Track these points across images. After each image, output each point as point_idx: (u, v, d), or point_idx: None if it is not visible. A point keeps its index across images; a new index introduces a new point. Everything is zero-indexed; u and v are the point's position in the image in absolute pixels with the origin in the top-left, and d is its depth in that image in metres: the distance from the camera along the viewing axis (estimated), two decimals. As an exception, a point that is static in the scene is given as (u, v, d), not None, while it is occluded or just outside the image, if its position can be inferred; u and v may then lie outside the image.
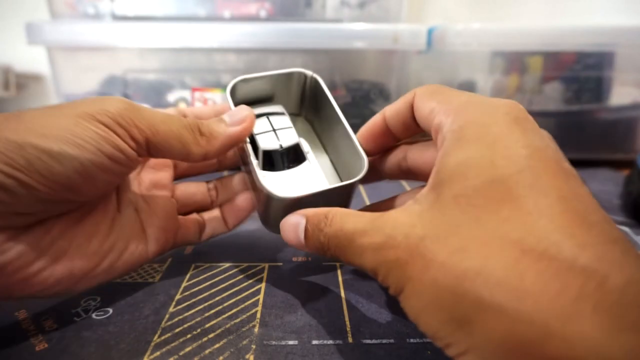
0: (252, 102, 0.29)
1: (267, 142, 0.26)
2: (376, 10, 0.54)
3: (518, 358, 0.13)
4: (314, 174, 0.27)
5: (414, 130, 0.23)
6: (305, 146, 0.28)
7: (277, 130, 0.27)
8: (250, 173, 0.26)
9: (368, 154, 0.25)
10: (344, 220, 0.19)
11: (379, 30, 0.49)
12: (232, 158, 0.30)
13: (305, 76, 0.29)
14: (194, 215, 0.29)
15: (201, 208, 0.30)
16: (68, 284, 0.21)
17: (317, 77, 0.28)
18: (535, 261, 0.13)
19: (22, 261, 0.19)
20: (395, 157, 0.25)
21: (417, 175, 0.24)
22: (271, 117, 0.27)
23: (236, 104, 0.26)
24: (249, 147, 0.25)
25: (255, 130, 0.26)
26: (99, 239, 0.22)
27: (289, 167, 0.26)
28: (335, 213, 0.20)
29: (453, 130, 0.18)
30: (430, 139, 0.21)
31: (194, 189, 0.30)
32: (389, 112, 0.23)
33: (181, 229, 0.27)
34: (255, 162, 0.24)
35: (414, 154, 0.24)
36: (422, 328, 0.16)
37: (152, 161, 0.28)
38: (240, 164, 0.29)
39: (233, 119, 0.24)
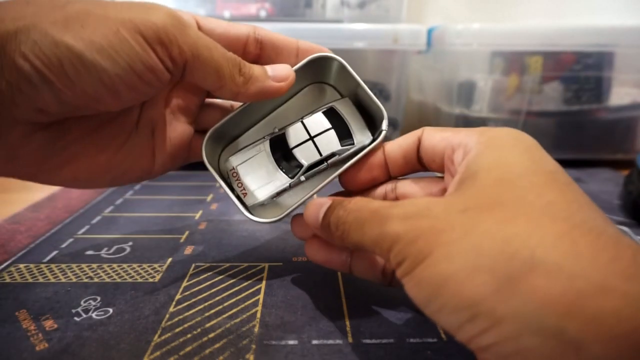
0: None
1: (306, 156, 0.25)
2: (376, 10, 0.54)
3: (575, 314, 0.12)
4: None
5: (413, 167, 0.24)
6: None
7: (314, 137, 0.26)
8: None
9: (359, 185, 0.25)
10: (370, 201, 0.19)
11: (379, 30, 0.49)
12: None
13: (331, 59, 0.28)
14: None
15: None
16: (70, 185, 0.23)
17: (341, 60, 0.27)
18: (585, 234, 0.14)
19: (34, 157, 0.21)
20: (383, 188, 0.25)
21: None
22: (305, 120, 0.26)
23: None
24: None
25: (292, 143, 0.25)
26: (108, 154, 0.23)
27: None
28: (362, 198, 0.20)
29: (481, 142, 0.19)
30: (421, 172, 0.24)
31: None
32: (390, 146, 0.24)
33: (191, 155, 0.27)
34: (227, 190, 0.26)
35: (405, 185, 0.25)
36: (441, 300, 0.15)
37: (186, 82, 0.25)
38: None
39: (275, 73, 0.24)
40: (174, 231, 0.34)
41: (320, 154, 0.25)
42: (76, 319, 0.23)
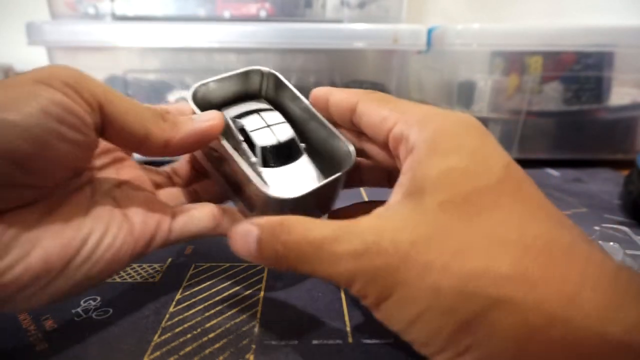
0: (233, 102, 0.28)
1: (263, 139, 0.25)
2: (376, 10, 0.54)
3: (526, 346, 0.14)
4: (307, 170, 0.26)
5: (351, 129, 0.23)
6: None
7: (271, 125, 0.26)
8: (232, 174, 0.25)
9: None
10: (307, 227, 0.17)
11: (379, 30, 0.49)
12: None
13: (262, 73, 0.28)
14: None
15: None
16: (48, 278, 0.18)
17: (276, 73, 0.27)
18: (538, 255, 0.14)
19: None
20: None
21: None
22: (262, 113, 0.26)
23: (210, 107, 0.25)
24: (244, 145, 0.24)
25: (249, 127, 0.25)
26: (73, 226, 0.19)
27: (284, 164, 0.26)
28: (294, 220, 0.18)
29: (425, 140, 0.18)
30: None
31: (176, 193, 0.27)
32: (333, 102, 0.23)
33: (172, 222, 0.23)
34: (242, 162, 0.23)
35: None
36: (412, 335, 0.16)
37: (133, 161, 0.25)
38: (210, 169, 0.27)
39: (201, 117, 0.22)
40: (174, 231, 0.34)
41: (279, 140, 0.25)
42: (76, 319, 0.23)
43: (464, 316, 0.14)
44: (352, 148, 0.23)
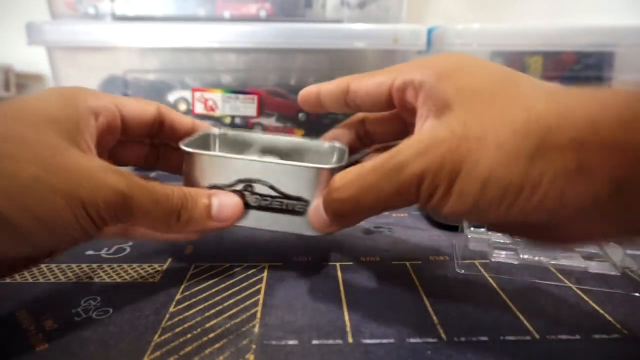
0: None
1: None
2: (376, 10, 0.54)
3: (582, 148, 0.16)
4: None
5: (345, 111, 0.26)
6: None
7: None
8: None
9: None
10: (356, 168, 0.21)
11: (379, 30, 0.49)
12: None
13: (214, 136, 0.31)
14: None
15: None
16: None
17: (224, 131, 0.31)
18: (561, 95, 0.18)
19: None
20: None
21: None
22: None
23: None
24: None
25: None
26: None
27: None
28: (341, 174, 0.22)
29: (430, 75, 0.21)
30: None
31: None
32: (325, 92, 0.26)
33: None
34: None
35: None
36: (489, 194, 0.18)
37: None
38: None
39: (220, 211, 0.24)
40: (174, 231, 0.34)
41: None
42: (76, 319, 0.23)
43: (529, 149, 0.17)
44: (327, 143, 0.27)
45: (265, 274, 0.27)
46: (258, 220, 0.26)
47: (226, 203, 0.25)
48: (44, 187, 0.18)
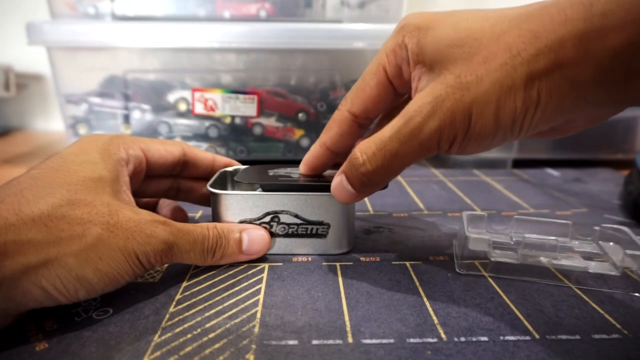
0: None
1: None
2: (376, 10, 0.54)
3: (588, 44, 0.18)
4: None
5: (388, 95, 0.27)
6: None
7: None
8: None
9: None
10: (373, 137, 0.23)
11: (379, 30, 0.49)
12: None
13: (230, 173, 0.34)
14: None
15: None
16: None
17: (237, 167, 0.34)
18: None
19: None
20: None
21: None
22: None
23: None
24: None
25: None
26: None
27: None
28: (361, 144, 0.24)
29: (411, 47, 0.23)
30: None
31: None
32: (358, 109, 0.27)
33: None
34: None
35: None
36: (510, 104, 0.20)
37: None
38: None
39: (250, 247, 0.28)
40: (174, 231, 0.34)
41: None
42: (76, 319, 0.23)
43: (522, 78, 0.19)
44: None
45: (265, 274, 0.28)
46: (285, 247, 0.30)
47: (255, 238, 0.28)
48: (106, 245, 0.21)
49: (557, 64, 0.19)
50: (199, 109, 0.50)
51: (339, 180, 0.25)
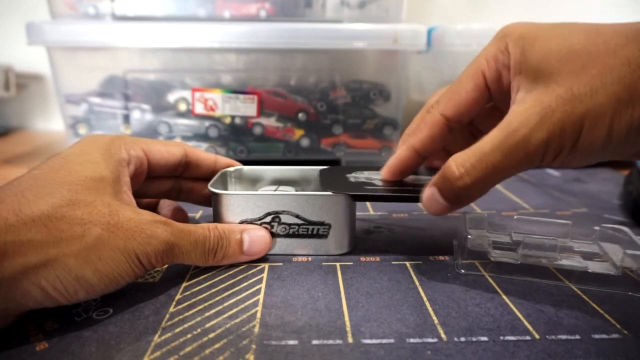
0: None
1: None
2: (376, 10, 0.54)
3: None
4: None
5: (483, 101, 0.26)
6: None
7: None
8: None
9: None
10: (470, 150, 0.23)
11: (379, 30, 0.49)
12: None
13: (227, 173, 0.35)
14: None
15: None
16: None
17: (238, 168, 0.35)
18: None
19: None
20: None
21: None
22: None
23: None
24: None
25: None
26: None
27: None
28: (455, 157, 0.23)
29: (514, 53, 0.23)
30: None
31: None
32: (451, 112, 0.26)
33: None
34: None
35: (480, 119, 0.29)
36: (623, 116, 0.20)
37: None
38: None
39: (251, 247, 0.28)
40: (174, 231, 0.34)
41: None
42: (76, 319, 0.23)
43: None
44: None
45: (265, 274, 0.28)
46: (286, 247, 0.30)
47: (256, 238, 0.28)
48: (106, 246, 0.21)
49: None
50: (199, 109, 0.50)
51: (429, 193, 0.25)
